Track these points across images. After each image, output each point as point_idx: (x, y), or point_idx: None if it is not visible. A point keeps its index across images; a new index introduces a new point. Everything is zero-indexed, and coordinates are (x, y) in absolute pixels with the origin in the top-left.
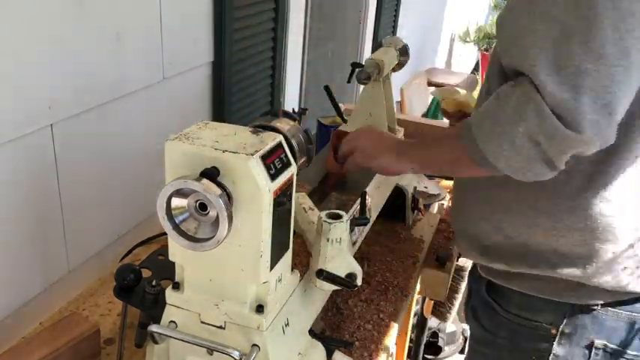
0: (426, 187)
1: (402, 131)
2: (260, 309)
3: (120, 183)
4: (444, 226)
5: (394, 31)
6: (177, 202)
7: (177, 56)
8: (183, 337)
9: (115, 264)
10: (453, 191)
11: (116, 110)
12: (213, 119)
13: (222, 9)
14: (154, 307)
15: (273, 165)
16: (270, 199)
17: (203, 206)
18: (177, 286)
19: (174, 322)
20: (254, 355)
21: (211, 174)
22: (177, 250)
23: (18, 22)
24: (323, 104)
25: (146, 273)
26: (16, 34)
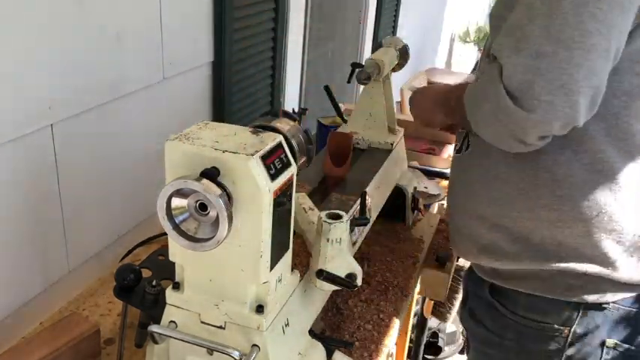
0: (426, 187)
1: (402, 131)
2: (260, 309)
3: (120, 183)
4: (443, 226)
5: (394, 31)
6: (177, 202)
7: (177, 56)
8: (183, 337)
9: (115, 264)
10: (448, 189)
11: (116, 110)
12: (213, 119)
13: (222, 9)
14: (154, 307)
15: (273, 165)
16: (270, 199)
17: (203, 206)
18: (177, 286)
19: (174, 322)
20: (254, 355)
21: (211, 174)
22: (177, 250)
23: (18, 22)
24: (323, 104)
25: (146, 273)
26: (16, 34)
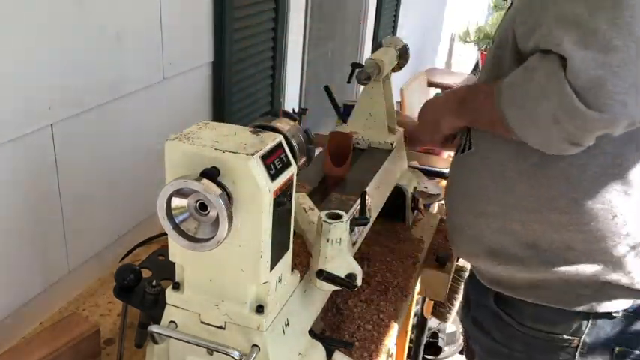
0: (426, 187)
1: (402, 131)
2: (260, 309)
3: (120, 183)
4: (443, 226)
5: (394, 31)
6: (177, 202)
7: (177, 56)
8: (183, 337)
9: (115, 264)
10: (447, 189)
11: (116, 110)
12: (213, 119)
13: (222, 9)
14: (154, 307)
15: (273, 165)
16: (270, 199)
17: (203, 206)
18: (177, 286)
19: (174, 322)
20: (254, 356)
21: (211, 174)
22: (177, 250)
23: (18, 22)
24: (323, 104)
25: (146, 273)
26: (16, 34)
